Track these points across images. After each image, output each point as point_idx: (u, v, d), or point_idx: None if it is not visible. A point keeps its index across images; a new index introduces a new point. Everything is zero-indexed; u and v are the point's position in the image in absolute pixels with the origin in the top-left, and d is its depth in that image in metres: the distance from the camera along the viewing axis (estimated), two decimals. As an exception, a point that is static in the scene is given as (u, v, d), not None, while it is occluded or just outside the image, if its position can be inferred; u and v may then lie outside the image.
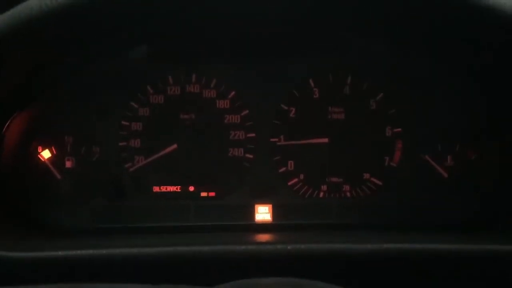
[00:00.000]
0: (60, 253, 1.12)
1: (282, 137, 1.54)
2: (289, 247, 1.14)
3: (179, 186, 1.53)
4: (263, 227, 1.50)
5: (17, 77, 1.25)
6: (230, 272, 1.12)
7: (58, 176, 1.50)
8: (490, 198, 1.48)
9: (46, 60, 1.30)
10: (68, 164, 1.51)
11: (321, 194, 1.54)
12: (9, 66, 1.15)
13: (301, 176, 1.54)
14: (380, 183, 1.54)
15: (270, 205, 1.52)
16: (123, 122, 1.53)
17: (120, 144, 1.53)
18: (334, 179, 1.54)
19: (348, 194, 1.54)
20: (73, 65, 1.40)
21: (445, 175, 1.52)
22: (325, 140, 1.53)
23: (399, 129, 1.53)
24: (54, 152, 1.51)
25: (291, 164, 1.54)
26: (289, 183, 1.54)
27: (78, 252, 1.11)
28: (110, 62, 1.49)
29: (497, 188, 1.48)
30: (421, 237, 1.20)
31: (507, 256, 1.13)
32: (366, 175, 1.54)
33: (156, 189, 1.53)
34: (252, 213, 1.52)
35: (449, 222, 1.46)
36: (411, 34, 1.44)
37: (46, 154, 1.51)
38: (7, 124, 1.38)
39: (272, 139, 1.54)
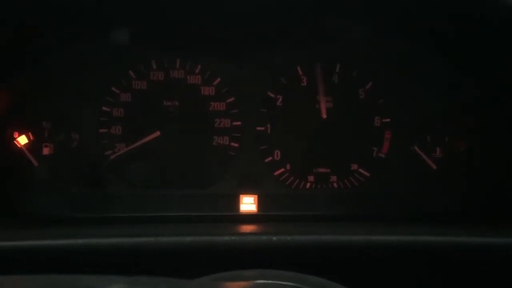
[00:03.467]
0: (35, 242, 1.07)
1: (268, 125, 1.50)
2: (274, 238, 1.11)
3: (162, 175, 1.48)
4: (248, 218, 1.46)
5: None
6: (214, 263, 1.08)
7: (35, 163, 1.44)
8: (478, 190, 1.46)
9: (21, 39, 1.24)
10: (46, 150, 1.46)
11: (308, 185, 1.51)
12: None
13: (288, 166, 1.51)
14: (367, 174, 1.51)
15: (256, 196, 1.48)
16: (104, 108, 1.47)
17: (101, 130, 1.47)
18: (322, 170, 1.51)
19: (335, 185, 1.51)
20: (51, 47, 1.35)
21: (434, 166, 1.49)
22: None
23: (388, 119, 1.50)
24: (31, 138, 1.45)
25: (277, 154, 1.50)
26: (275, 173, 1.50)
27: (54, 242, 1.07)
28: (91, 45, 1.43)
29: (485, 180, 1.45)
30: (408, 229, 1.17)
31: (493, 247, 1.12)
32: (354, 166, 1.51)
33: (137, 178, 1.48)
34: (237, 203, 1.48)
35: (436, 213, 1.44)
36: (401, 22, 1.41)
37: (22, 140, 1.45)
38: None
39: (258, 128, 1.50)
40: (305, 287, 0.80)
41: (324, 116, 1.48)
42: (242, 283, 0.76)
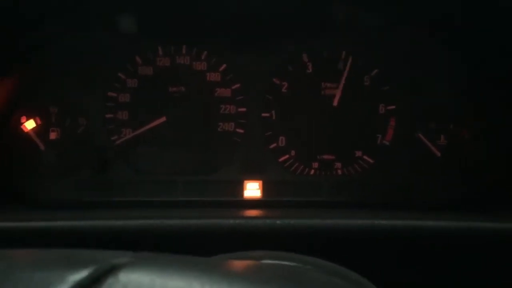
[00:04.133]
0: (41, 223, 1.09)
1: (273, 112, 1.50)
2: (278, 222, 1.12)
3: (167, 160, 1.49)
4: (252, 204, 1.47)
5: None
6: (218, 246, 1.09)
7: (42, 148, 1.46)
8: (482, 178, 1.46)
9: (29, 24, 1.25)
10: (53, 135, 1.47)
11: (312, 171, 1.51)
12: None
13: (292, 153, 1.51)
14: (372, 161, 1.51)
15: (260, 181, 1.49)
16: (110, 94, 1.48)
17: (107, 116, 1.48)
18: (326, 157, 1.51)
19: (340, 172, 1.51)
20: (59, 32, 1.35)
21: (438, 154, 1.49)
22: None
23: (393, 106, 1.50)
24: (38, 123, 1.46)
25: (282, 140, 1.51)
26: (280, 160, 1.51)
27: (60, 223, 1.08)
28: (98, 32, 1.44)
29: (489, 168, 1.45)
30: (412, 215, 1.18)
31: (497, 234, 1.13)
32: (358, 153, 1.52)
33: (143, 163, 1.49)
34: (241, 189, 1.49)
35: (440, 201, 1.44)
36: (407, 10, 1.41)
37: (29, 124, 1.46)
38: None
39: (263, 114, 1.50)
40: (310, 267, 0.81)
41: (336, 104, 1.48)
42: (245, 262, 0.77)
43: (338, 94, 1.49)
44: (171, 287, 0.48)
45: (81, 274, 0.46)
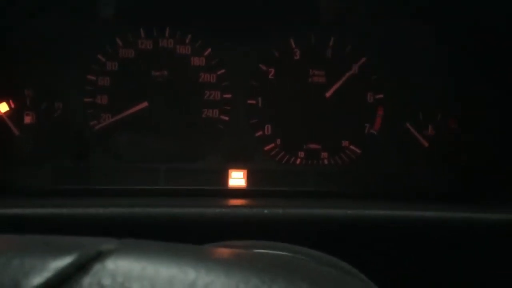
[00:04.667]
0: (16, 210, 1.03)
1: (259, 99, 1.46)
2: (265, 211, 1.09)
3: (148, 147, 1.44)
4: (237, 193, 1.42)
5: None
6: (203, 236, 1.05)
7: (16, 132, 1.38)
8: (470, 168, 1.45)
9: (3, 3, 1.18)
10: (28, 119, 1.39)
11: (298, 161, 1.48)
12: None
13: (278, 141, 1.47)
14: (359, 151, 1.49)
15: (245, 171, 1.45)
16: (89, 77, 1.41)
17: (86, 100, 1.41)
18: (312, 146, 1.48)
19: (326, 161, 1.48)
20: (36, 10, 1.28)
21: (426, 144, 1.48)
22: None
23: (381, 95, 1.48)
24: (12, 106, 1.39)
25: (268, 128, 1.47)
26: (266, 148, 1.47)
27: (35, 210, 1.03)
28: (77, 12, 1.37)
29: (477, 158, 1.45)
30: (400, 205, 1.16)
31: (485, 224, 1.12)
32: (345, 143, 1.49)
33: (123, 149, 1.43)
34: (225, 178, 1.45)
35: (427, 192, 1.43)
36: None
37: (3, 107, 1.38)
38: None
39: (249, 101, 1.46)
40: (302, 257, 0.78)
41: (329, 94, 1.45)
42: (237, 250, 0.74)
43: (319, 81, 1.45)
44: (165, 275, 0.43)
45: (64, 261, 0.42)
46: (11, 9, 1.28)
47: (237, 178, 1.44)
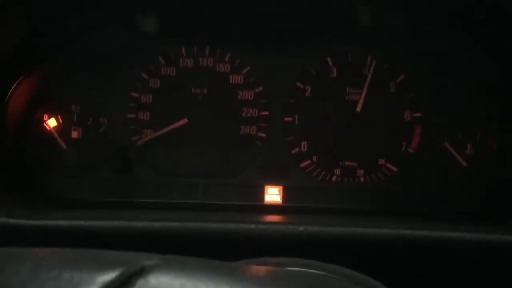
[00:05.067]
0: (64, 222, 1.08)
1: (296, 116, 1.48)
2: (300, 228, 1.10)
3: (188, 163, 1.48)
4: (273, 209, 1.44)
5: (21, 37, 1.20)
6: (239, 251, 1.08)
7: (64, 146, 1.45)
8: (509, 190, 1.42)
9: (53, 20, 1.25)
10: (74, 134, 1.46)
11: (334, 178, 1.48)
12: (12, 23, 1.10)
13: (314, 158, 1.48)
14: (395, 169, 1.48)
15: (281, 187, 1.47)
16: (133, 94, 1.47)
17: (129, 116, 1.47)
18: (348, 163, 1.48)
19: (362, 179, 1.48)
20: (83, 30, 1.35)
21: (464, 163, 1.45)
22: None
23: (419, 114, 1.47)
24: (60, 121, 1.46)
25: (304, 145, 1.49)
26: (302, 165, 1.48)
27: (81, 222, 1.07)
28: (121, 31, 1.44)
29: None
30: (438, 225, 1.15)
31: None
32: (382, 161, 1.48)
33: (163, 164, 1.48)
34: (261, 194, 1.47)
35: (465, 212, 1.41)
36: (436, 15, 1.38)
37: (52, 122, 1.46)
38: (11, 90, 1.33)
39: (286, 118, 1.48)
40: (335, 276, 0.79)
41: (359, 109, 1.46)
42: (271, 268, 0.75)
43: (361, 99, 1.46)
44: (202, 292, 0.46)
45: (110, 276, 0.45)
46: (59, 28, 1.35)
47: (273, 194, 1.46)
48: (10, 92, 1.33)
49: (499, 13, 1.20)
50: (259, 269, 0.61)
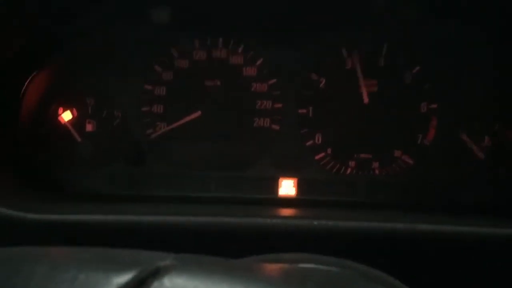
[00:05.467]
0: (77, 216, 1.09)
1: (310, 108, 1.47)
2: (315, 223, 1.10)
3: (201, 155, 1.48)
4: (287, 202, 1.44)
5: (34, 32, 1.20)
6: (253, 246, 1.07)
7: (78, 139, 1.46)
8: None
9: (65, 16, 1.25)
10: (89, 127, 1.47)
11: (349, 170, 1.47)
12: (26, 18, 1.10)
13: (329, 151, 1.47)
14: (411, 161, 1.46)
15: (295, 179, 1.46)
16: (146, 86, 1.47)
17: (143, 109, 1.47)
18: (363, 156, 1.47)
19: (377, 171, 1.47)
20: (95, 24, 1.35)
21: (482, 156, 1.43)
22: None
23: (435, 105, 1.45)
24: (75, 115, 1.47)
25: (318, 138, 1.47)
26: (316, 157, 1.47)
27: (95, 217, 1.08)
28: (134, 24, 1.43)
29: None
30: (453, 220, 1.13)
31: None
32: (397, 153, 1.47)
33: (177, 157, 1.48)
34: (275, 186, 1.46)
35: (482, 205, 1.39)
36: (452, 4, 1.36)
37: (66, 116, 1.46)
38: (26, 84, 1.34)
39: (300, 110, 1.47)
40: (348, 271, 0.78)
41: (366, 101, 1.44)
42: (285, 266, 0.75)
43: (371, 90, 1.44)
44: (216, 293, 0.46)
45: (126, 277, 0.45)
46: (72, 22, 1.35)
47: (287, 187, 1.46)
48: (24, 86, 1.33)
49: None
50: (273, 268, 0.61)
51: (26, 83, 1.34)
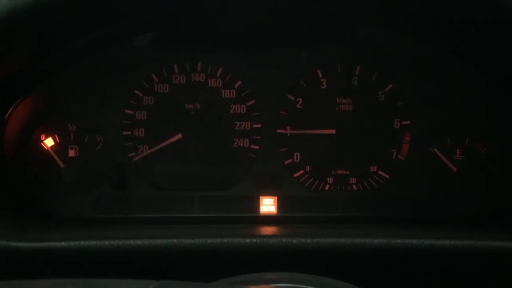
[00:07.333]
0: (61, 243, 1.10)
1: (288, 128, 1.51)
2: (294, 241, 1.13)
3: (183, 177, 1.51)
4: (268, 219, 1.48)
5: (19, 63, 1.23)
6: (234, 265, 1.11)
7: (61, 165, 1.48)
8: (499, 194, 1.46)
9: (49, 46, 1.27)
10: (71, 152, 1.49)
11: (327, 187, 1.52)
12: (11, 51, 1.13)
13: (307, 168, 1.52)
14: (387, 176, 1.51)
15: (276, 197, 1.50)
16: (127, 111, 1.50)
17: (124, 133, 1.50)
18: (341, 172, 1.52)
19: (355, 187, 1.52)
20: (77, 52, 1.37)
21: (454, 169, 1.49)
22: (332, 131, 1.51)
23: (408, 122, 1.50)
24: (57, 140, 1.49)
25: (297, 156, 1.52)
26: (295, 175, 1.52)
27: (80, 243, 1.10)
28: (114, 49, 1.46)
29: (506, 183, 1.45)
30: (428, 233, 1.17)
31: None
32: (373, 168, 1.52)
33: (160, 179, 1.51)
34: (257, 205, 1.50)
35: (456, 217, 1.44)
36: (420, 25, 1.41)
37: (49, 142, 1.49)
38: (10, 111, 1.36)
39: (278, 130, 1.51)
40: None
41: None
42: (262, 287, 0.78)
43: (346, 109, 1.50)
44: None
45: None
46: (55, 51, 1.37)
47: (268, 205, 1.50)
48: (8, 114, 1.35)
49: (486, 25, 1.22)
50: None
51: (10, 110, 1.36)
